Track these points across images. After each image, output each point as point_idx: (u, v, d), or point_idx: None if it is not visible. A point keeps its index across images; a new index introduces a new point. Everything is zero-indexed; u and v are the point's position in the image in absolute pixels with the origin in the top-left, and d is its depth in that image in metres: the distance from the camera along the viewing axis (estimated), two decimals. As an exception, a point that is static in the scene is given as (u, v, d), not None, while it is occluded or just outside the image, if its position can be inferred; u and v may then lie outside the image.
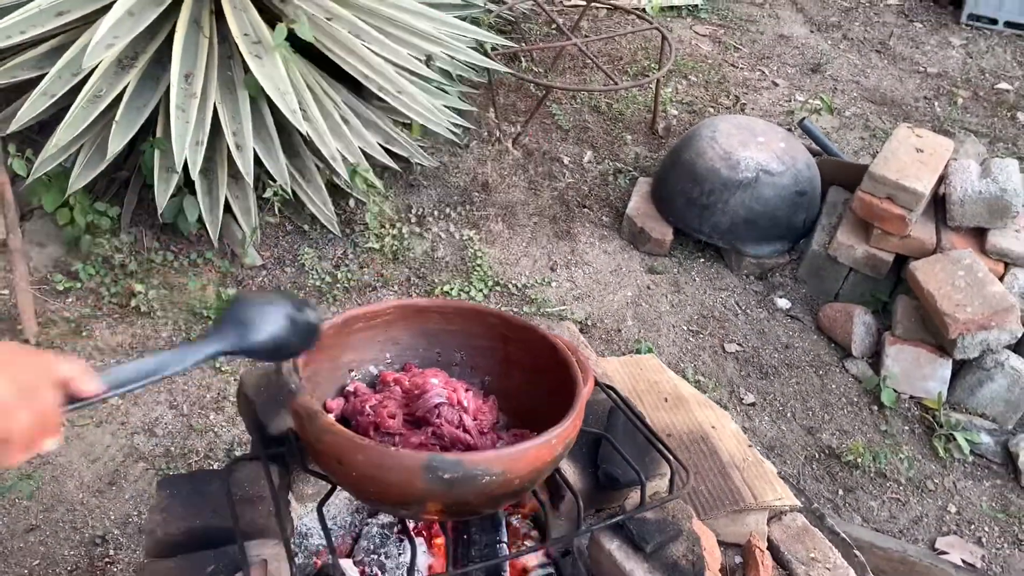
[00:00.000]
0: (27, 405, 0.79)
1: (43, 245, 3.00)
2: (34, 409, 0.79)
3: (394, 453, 1.07)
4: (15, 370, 0.80)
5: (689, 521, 1.34)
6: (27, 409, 0.79)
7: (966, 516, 2.66)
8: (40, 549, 2.29)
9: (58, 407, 0.82)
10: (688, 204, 3.37)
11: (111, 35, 2.57)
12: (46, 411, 0.81)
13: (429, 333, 1.38)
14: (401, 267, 3.21)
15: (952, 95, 4.67)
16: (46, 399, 0.81)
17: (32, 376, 0.81)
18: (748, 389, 2.98)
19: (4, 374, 0.78)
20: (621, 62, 4.60)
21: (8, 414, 0.77)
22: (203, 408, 2.65)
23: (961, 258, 2.91)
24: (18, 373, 0.80)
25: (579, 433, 1.21)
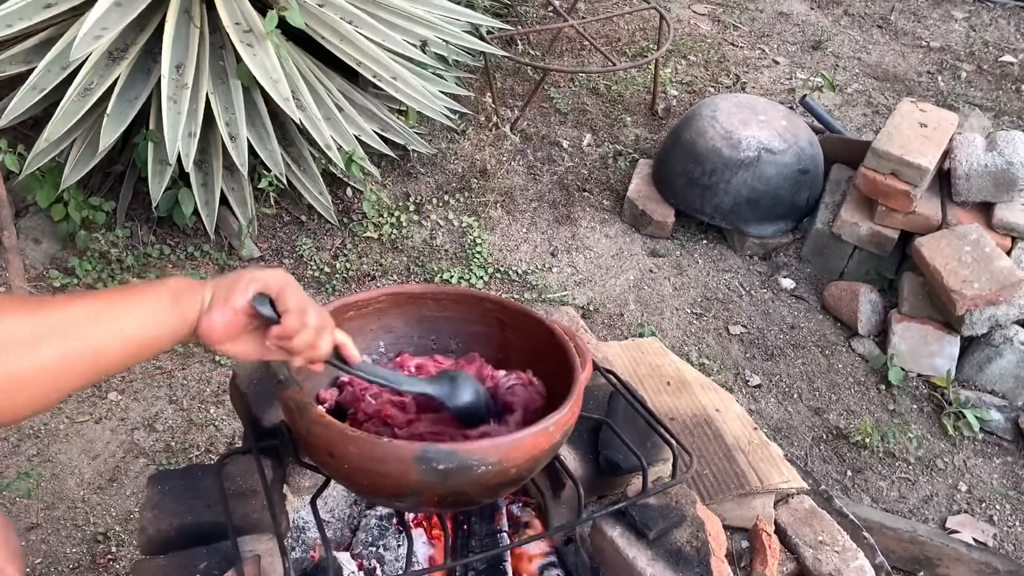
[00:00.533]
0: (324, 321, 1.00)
1: (38, 241, 2.97)
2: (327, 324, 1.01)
3: (386, 444, 1.04)
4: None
5: (693, 506, 1.31)
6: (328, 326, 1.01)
7: (977, 494, 2.63)
8: (42, 547, 2.27)
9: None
10: (689, 185, 3.33)
11: (99, 27, 2.54)
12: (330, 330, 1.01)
13: (423, 320, 1.34)
14: (400, 256, 3.18)
15: (956, 69, 4.61)
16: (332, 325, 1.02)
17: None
18: (754, 371, 2.95)
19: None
20: (619, 43, 4.54)
21: (319, 314, 0.99)
22: (203, 402, 2.63)
23: (967, 233, 2.87)
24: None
25: (579, 419, 1.18)
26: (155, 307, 0.87)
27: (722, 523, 1.51)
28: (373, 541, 1.42)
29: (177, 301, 0.89)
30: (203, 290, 0.92)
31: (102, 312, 0.82)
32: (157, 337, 0.87)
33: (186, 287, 0.91)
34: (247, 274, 0.95)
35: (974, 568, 2.32)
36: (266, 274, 0.96)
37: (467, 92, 3.67)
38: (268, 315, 0.94)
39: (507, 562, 1.34)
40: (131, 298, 0.86)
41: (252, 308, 0.93)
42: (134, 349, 0.85)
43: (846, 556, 1.58)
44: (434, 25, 3.23)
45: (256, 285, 0.94)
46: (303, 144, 3.10)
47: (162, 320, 0.87)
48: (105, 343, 0.82)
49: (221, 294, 0.93)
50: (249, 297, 0.93)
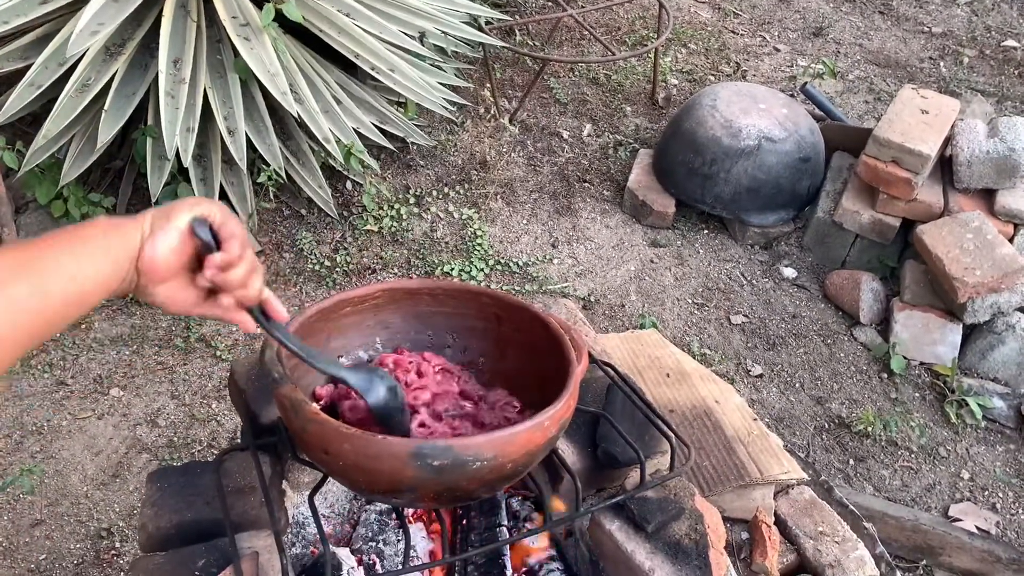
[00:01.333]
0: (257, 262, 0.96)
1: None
2: (259, 266, 0.96)
3: (380, 441, 1.04)
4: None
5: (691, 499, 1.31)
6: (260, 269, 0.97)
7: (980, 482, 2.62)
8: (46, 543, 2.28)
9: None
10: (690, 175, 3.32)
11: (96, 22, 2.53)
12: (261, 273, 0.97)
13: (420, 315, 1.34)
14: (400, 249, 3.17)
15: (958, 54, 4.58)
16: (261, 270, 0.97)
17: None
18: (755, 361, 2.94)
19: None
20: (619, 32, 4.52)
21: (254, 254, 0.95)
22: (205, 397, 2.64)
23: (969, 220, 2.86)
24: None
25: (576, 412, 1.18)
26: (93, 243, 0.82)
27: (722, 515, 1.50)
28: (373, 536, 1.42)
29: (113, 233, 0.84)
30: (141, 219, 0.87)
31: (38, 256, 0.77)
32: (100, 276, 0.81)
33: (120, 220, 0.86)
34: (184, 201, 0.91)
35: (977, 556, 2.32)
36: (205, 201, 0.92)
37: (466, 83, 3.66)
38: (206, 239, 0.89)
39: (506, 556, 1.34)
40: (66, 239, 0.80)
41: (192, 232, 0.88)
42: (76, 289, 0.79)
43: (846, 546, 1.58)
44: (432, 16, 3.21)
45: (198, 209, 0.90)
46: (302, 137, 3.09)
47: (101, 255, 0.82)
48: (48, 286, 0.76)
49: (160, 217, 0.88)
50: (190, 219, 0.88)
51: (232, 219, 0.92)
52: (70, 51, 2.49)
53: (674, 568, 1.22)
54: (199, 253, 0.90)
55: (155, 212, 0.89)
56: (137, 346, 2.76)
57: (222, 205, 0.93)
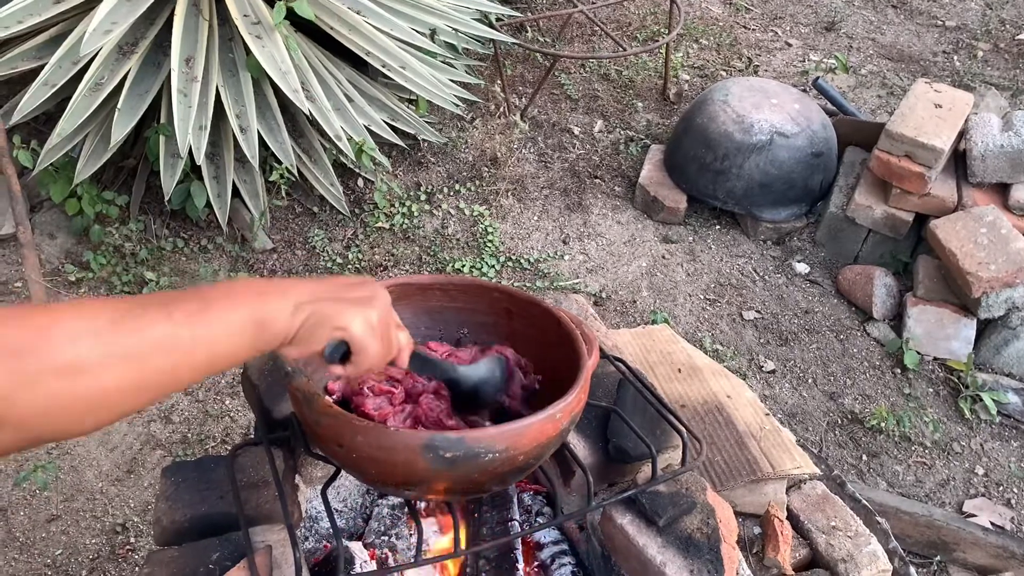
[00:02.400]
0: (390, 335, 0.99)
1: (53, 236, 3.00)
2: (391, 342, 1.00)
3: (393, 433, 1.04)
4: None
5: (703, 493, 1.31)
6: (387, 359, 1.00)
7: (994, 478, 2.61)
8: (62, 538, 2.30)
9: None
10: (701, 170, 3.31)
11: (109, 21, 2.55)
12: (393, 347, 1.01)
13: (431, 311, 1.34)
14: (412, 246, 3.18)
15: (972, 48, 4.55)
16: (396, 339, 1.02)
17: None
18: (768, 356, 2.94)
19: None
20: (630, 28, 4.52)
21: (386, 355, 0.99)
22: (218, 394, 2.65)
23: (983, 215, 2.84)
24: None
25: (588, 407, 1.18)
26: (236, 335, 0.82)
27: (734, 509, 1.50)
28: (385, 530, 1.43)
29: (260, 332, 0.84)
30: (291, 324, 0.87)
31: (179, 339, 0.77)
32: (231, 363, 0.83)
33: (273, 316, 0.85)
34: (337, 314, 0.90)
35: (991, 552, 2.31)
36: (354, 321, 0.91)
37: (477, 80, 3.66)
38: (330, 361, 0.93)
39: (518, 550, 1.34)
40: (213, 322, 0.80)
41: (323, 355, 0.92)
42: (205, 373, 0.81)
43: (859, 541, 1.57)
44: (443, 13, 3.22)
45: (339, 333, 0.91)
46: (313, 135, 3.11)
47: (240, 349, 0.83)
48: (177, 372, 0.78)
49: (307, 332, 0.88)
50: (326, 344, 0.90)
51: (372, 341, 0.93)
52: (83, 50, 2.51)
53: (686, 562, 1.22)
54: None
55: (306, 321, 0.88)
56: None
57: (378, 316, 0.95)
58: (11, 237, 2.95)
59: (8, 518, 2.32)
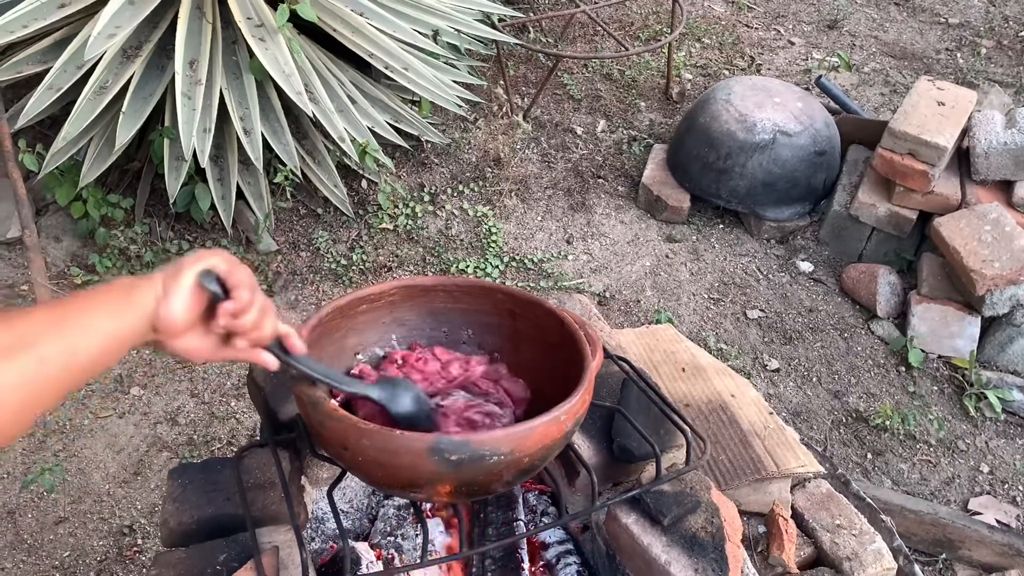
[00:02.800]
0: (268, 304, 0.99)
1: (59, 239, 3.01)
2: (270, 308, 1.00)
3: (399, 436, 1.05)
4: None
5: (708, 492, 1.31)
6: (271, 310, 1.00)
7: (999, 476, 2.61)
8: (70, 540, 2.31)
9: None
10: (704, 169, 3.31)
11: (112, 25, 2.56)
12: (273, 314, 1.01)
13: (435, 312, 1.35)
14: (416, 247, 3.19)
15: (975, 45, 4.54)
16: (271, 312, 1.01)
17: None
18: (772, 355, 2.94)
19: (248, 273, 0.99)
20: (632, 28, 4.52)
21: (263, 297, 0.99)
22: (224, 396, 2.66)
23: (987, 212, 2.84)
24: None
25: (592, 407, 1.19)
26: (114, 305, 0.87)
27: (738, 508, 1.51)
28: (391, 531, 1.43)
29: (131, 295, 0.89)
30: (153, 280, 0.92)
31: (65, 316, 0.83)
32: (121, 334, 0.87)
33: (137, 281, 0.91)
34: (192, 256, 0.95)
35: (997, 550, 2.31)
36: (210, 254, 0.96)
37: (480, 81, 3.67)
38: (215, 291, 0.93)
39: (523, 550, 1.35)
40: (90, 301, 0.86)
41: (200, 286, 0.92)
42: (100, 349, 0.85)
43: (863, 539, 1.58)
44: (446, 14, 3.22)
45: (203, 264, 0.94)
46: (317, 137, 3.11)
47: (122, 317, 0.87)
48: (75, 345, 0.82)
49: (170, 277, 0.92)
50: (197, 274, 0.92)
51: (238, 267, 0.97)
52: (88, 54, 2.52)
53: (690, 561, 1.23)
54: (211, 304, 0.94)
55: (165, 273, 0.93)
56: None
57: (227, 254, 0.98)
58: (17, 240, 2.97)
59: (16, 520, 2.34)
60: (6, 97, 2.90)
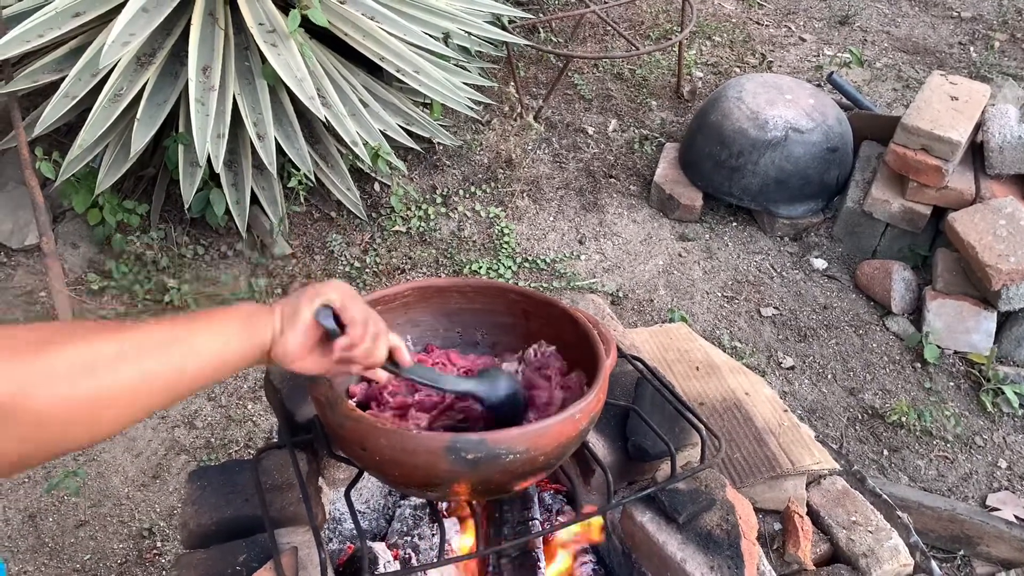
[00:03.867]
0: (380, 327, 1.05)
1: (76, 246, 3.04)
2: (382, 329, 1.05)
3: (416, 436, 1.06)
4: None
5: (723, 490, 1.32)
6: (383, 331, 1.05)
7: (1017, 471, 2.59)
8: (90, 543, 2.34)
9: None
10: (716, 167, 3.31)
11: (127, 33, 2.58)
12: (385, 334, 1.06)
13: (450, 313, 1.36)
14: (429, 248, 3.20)
15: (988, 39, 4.52)
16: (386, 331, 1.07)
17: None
18: (787, 352, 2.93)
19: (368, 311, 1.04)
20: (643, 27, 4.52)
21: (376, 320, 1.04)
22: (241, 399, 2.68)
23: (1002, 207, 2.82)
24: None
25: (606, 406, 1.19)
26: (229, 332, 0.91)
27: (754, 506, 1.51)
28: (408, 531, 1.44)
29: (249, 325, 0.94)
30: (272, 313, 0.97)
31: (180, 335, 0.87)
32: (231, 360, 0.91)
33: (256, 311, 0.96)
34: (310, 290, 1.00)
35: (1015, 546, 2.29)
36: (327, 288, 1.00)
37: (490, 82, 3.68)
38: (331, 328, 0.98)
39: (540, 549, 1.36)
40: (207, 323, 0.91)
41: (317, 323, 0.97)
42: (209, 371, 0.89)
43: (880, 536, 1.57)
44: (456, 17, 3.24)
45: (320, 299, 0.99)
46: (330, 141, 3.13)
47: (236, 344, 0.91)
48: (183, 364, 0.86)
49: (288, 313, 0.97)
50: (314, 311, 0.98)
51: (353, 300, 1.01)
52: (103, 62, 2.54)
53: (706, 558, 1.23)
54: (326, 334, 0.99)
55: (284, 306, 0.98)
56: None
57: (344, 286, 1.03)
58: (35, 247, 3.00)
59: (37, 524, 2.36)
60: (23, 106, 2.94)
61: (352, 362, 1.02)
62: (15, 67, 2.84)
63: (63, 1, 2.67)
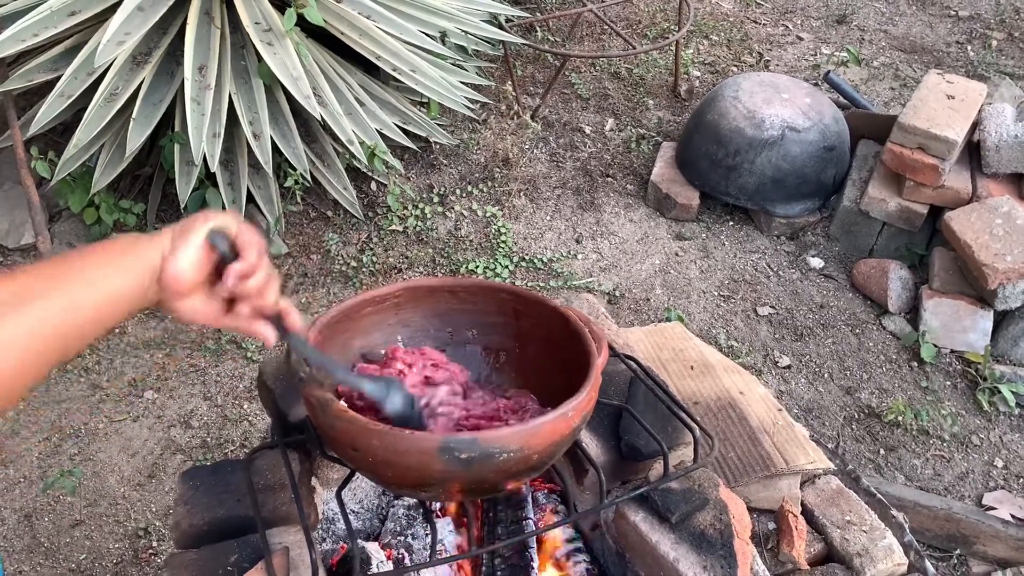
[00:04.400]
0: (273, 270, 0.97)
1: (72, 245, 3.04)
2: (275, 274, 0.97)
3: (409, 436, 1.06)
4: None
5: (716, 489, 1.32)
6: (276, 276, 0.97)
7: (1014, 470, 2.59)
8: (86, 543, 2.34)
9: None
10: (713, 166, 3.31)
11: (122, 32, 2.58)
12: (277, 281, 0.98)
13: (440, 313, 1.36)
14: (425, 248, 3.20)
15: (986, 38, 4.52)
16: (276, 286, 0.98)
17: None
18: (783, 352, 2.93)
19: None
20: (640, 26, 4.51)
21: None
22: (236, 398, 2.68)
23: (998, 206, 2.82)
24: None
25: (600, 405, 1.19)
26: (118, 259, 0.85)
27: (748, 505, 1.51)
28: (401, 530, 1.44)
29: (137, 248, 0.87)
30: (161, 236, 0.90)
31: (68, 271, 0.81)
32: (125, 290, 0.85)
33: (143, 236, 0.89)
34: (200, 215, 0.93)
35: (1012, 545, 2.30)
36: (218, 214, 0.94)
37: (487, 81, 3.67)
38: (224, 250, 0.91)
39: (533, 548, 1.36)
40: (92, 256, 0.85)
41: (210, 245, 0.90)
42: (105, 305, 0.83)
43: (874, 535, 1.57)
44: (452, 16, 3.23)
45: (212, 222, 0.92)
46: (326, 140, 3.13)
47: (127, 271, 0.85)
48: (77, 300, 0.80)
49: (179, 232, 0.90)
50: (207, 233, 0.91)
51: (248, 229, 0.94)
52: (98, 61, 2.54)
53: (699, 558, 1.23)
54: (218, 266, 0.92)
55: (173, 229, 0.91)
56: (170, 349, 2.81)
57: (237, 215, 0.97)
58: (31, 247, 3.00)
59: (33, 524, 2.36)
60: (18, 105, 2.93)
61: (242, 298, 0.94)
62: (10, 66, 2.84)
63: (58, 0, 2.67)
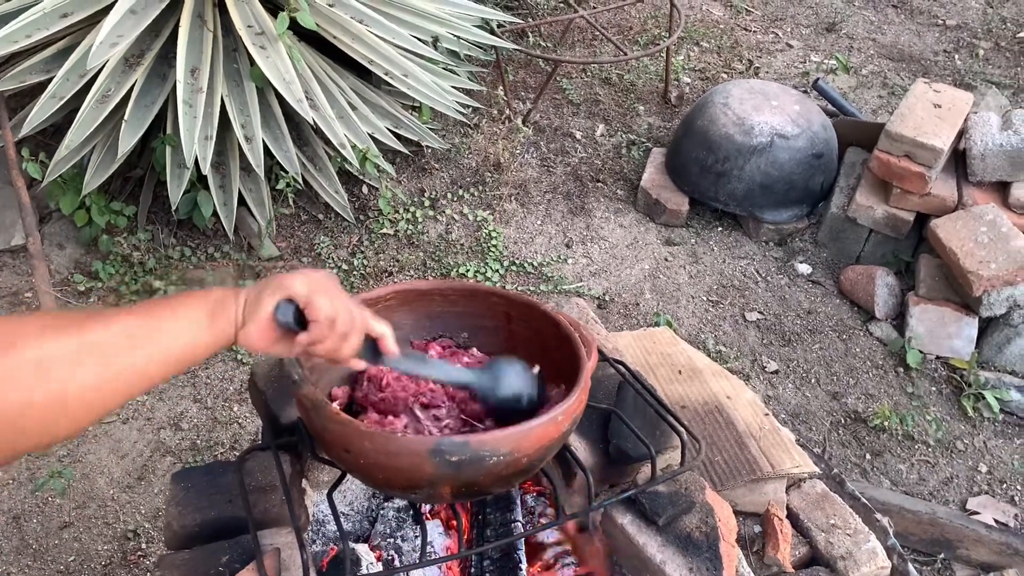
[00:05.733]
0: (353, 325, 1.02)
1: (63, 247, 3.04)
2: (355, 328, 1.02)
3: (400, 439, 1.07)
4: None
5: (702, 492, 1.33)
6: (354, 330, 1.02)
7: (997, 475, 2.62)
8: (75, 545, 2.34)
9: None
10: (703, 172, 3.33)
11: (115, 34, 2.58)
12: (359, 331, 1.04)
13: (432, 316, 1.37)
14: (416, 251, 3.21)
15: (973, 47, 4.56)
16: (362, 325, 1.05)
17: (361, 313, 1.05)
18: (771, 357, 2.95)
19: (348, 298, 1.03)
20: (631, 32, 4.54)
21: (349, 319, 1.01)
22: (227, 400, 2.68)
23: (983, 213, 2.86)
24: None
25: (588, 409, 1.21)
26: (193, 325, 0.90)
27: (734, 509, 1.53)
28: (391, 532, 1.45)
29: (213, 318, 0.92)
30: (236, 304, 0.94)
31: (141, 330, 0.84)
32: (195, 353, 0.90)
33: (220, 301, 0.93)
34: (274, 281, 0.97)
35: (995, 549, 2.32)
36: (294, 281, 0.97)
37: (479, 86, 3.69)
38: (286, 324, 0.96)
39: (521, 551, 1.37)
40: (170, 316, 0.88)
41: (275, 319, 0.95)
42: (173, 365, 0.87)
43: (858, 539, 1.59)
44: (445, 21, 3.25)
45: (282, 293, 0.96)
46: (318, 143, 3.14)
47: (199, 337, 0.90)
48: (145, 362, 0.83)
49: (252, 302, 0.95)
50: (274, 305, 0.95)
51: (319, 297, 0.97)
52: (90, 63, 2.54)
53: (685, 560, 1.25)
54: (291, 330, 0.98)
55: (248, 295, 0.96)
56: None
57: (317, 279, 0.99)
58: (21, 248, 3.00)
59: (21, 525, 2.36)
60: (10, 106, 2.93)
61: (316, 355, 1.01)
62: (2, 67, 2.84)
63: (51, 2, 2.67)
